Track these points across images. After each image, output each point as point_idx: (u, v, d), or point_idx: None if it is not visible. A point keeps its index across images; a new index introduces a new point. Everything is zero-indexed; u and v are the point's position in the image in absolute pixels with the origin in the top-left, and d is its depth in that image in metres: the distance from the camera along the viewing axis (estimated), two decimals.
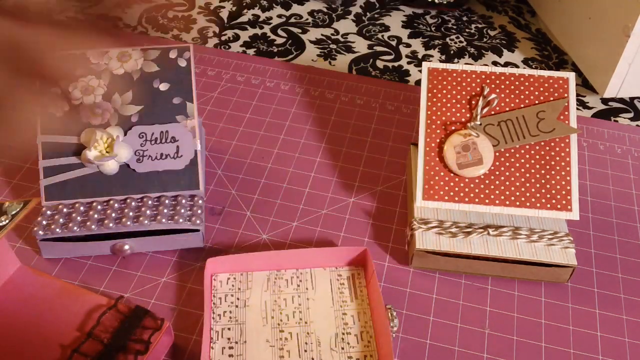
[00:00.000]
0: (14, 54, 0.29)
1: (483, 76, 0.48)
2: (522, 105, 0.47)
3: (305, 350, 0.40)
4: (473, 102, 0.47)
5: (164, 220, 0.45)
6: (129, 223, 0.44)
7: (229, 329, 0.41)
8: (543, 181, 0.46)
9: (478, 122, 0.47)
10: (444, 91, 0.47)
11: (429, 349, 0.42)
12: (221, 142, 0.56)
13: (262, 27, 0.70)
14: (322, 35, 0.70)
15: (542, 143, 0.46)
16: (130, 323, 0.38)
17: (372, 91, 0.62)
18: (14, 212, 0.36)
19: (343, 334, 0.41)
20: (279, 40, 0.68)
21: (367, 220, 0.50)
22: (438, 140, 0.47)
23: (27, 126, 0.31)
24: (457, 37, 0.71)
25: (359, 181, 0.53)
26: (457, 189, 0.46)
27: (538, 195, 0.45)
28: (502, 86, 0.47)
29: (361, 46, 0.69)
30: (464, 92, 0.47)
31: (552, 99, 0.47)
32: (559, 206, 0.45)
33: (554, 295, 0.46)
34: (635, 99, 0.63)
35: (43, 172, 0.46)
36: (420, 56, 0.68)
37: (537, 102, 0.47)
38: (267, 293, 0.43)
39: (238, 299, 0.43)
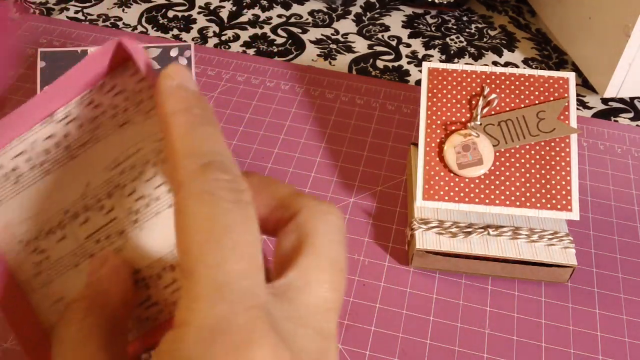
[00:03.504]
0: None
1: (483, 76, 0.48)
2: (522, 105, 0.47)
3: None
4: (473, 102, 0.47)
5: None
6: None
7: None
8: (543, 181, 0.46)
9: (478, 122, 0.47)
10: (444, 91, 0.47)
11: (429, 349, 0.42)
12: None
13: (262, 27, 0.70)
14: (322, 35, 0.70)
15: (542, 143, 0.46)
16: None
17: (372, 91, 0.62)
18: None
19: None
20: (279, 40, 0.68)
21: (367, 220, 0.50)
22: (438, 140, 0.47)
23: None
24: (457, 37, 0.71)
25: (359, 181, 0.53)
26: (457, 189, 0.46)
27: (538, 195, 0.45)
28: (502, 86, 0.47)
29: (361, 46, 0.69)
30: (464, 92, 0.47)
31: (552, 99, 0.47)
32: (559, 206, 0.45)
33: (554, 295, 0.46)
34: (635, 99, 0.63)
35: None
36: (420, 56, 0.68)
37: (537, 102, 0.47)
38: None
39: None
